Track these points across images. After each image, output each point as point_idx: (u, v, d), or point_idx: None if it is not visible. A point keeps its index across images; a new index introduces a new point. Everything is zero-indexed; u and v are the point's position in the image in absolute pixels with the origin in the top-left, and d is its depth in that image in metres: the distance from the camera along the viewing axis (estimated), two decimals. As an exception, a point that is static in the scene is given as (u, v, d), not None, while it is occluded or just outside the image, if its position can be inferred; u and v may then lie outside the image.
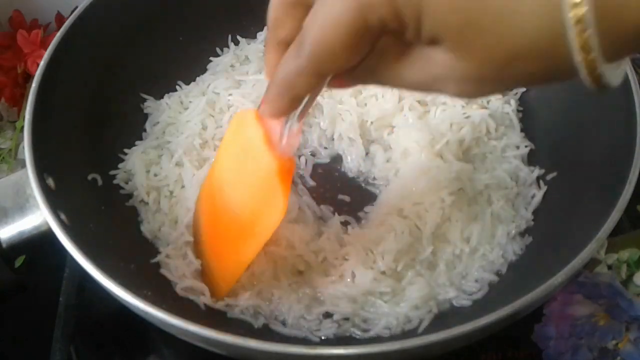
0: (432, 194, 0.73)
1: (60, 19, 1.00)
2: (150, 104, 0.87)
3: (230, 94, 0.84)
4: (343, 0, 0.41)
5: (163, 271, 0.72)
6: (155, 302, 0.56)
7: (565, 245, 0.65)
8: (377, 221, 0.75)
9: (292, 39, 0.49)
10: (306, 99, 0.51)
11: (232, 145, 0.66)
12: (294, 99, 0.50)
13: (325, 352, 0.52)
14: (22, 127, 0.68)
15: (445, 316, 0.68)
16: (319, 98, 0.84)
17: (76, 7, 0.79)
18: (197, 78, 0.90)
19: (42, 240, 0.65)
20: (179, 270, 0.71)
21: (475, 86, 0.42)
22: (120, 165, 0.80)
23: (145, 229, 0.76)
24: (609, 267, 0.76)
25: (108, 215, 0.74)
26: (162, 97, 0.87)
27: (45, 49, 0.74)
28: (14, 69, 0.96)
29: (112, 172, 0.79)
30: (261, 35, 0.95)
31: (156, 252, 0.74)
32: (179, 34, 0.91)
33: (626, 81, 0.70)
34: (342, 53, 0.43)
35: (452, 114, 0.82)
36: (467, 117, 0.83)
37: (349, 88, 0.53)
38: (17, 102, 0.95)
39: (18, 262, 0.79)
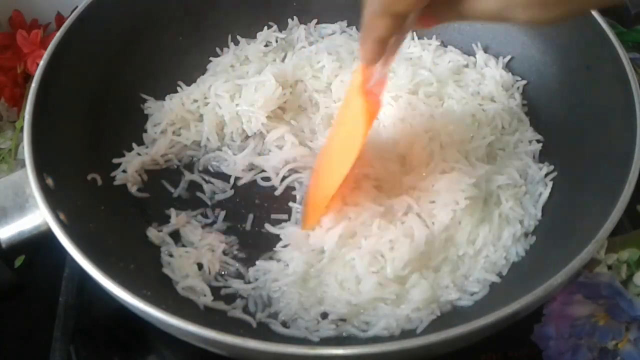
0: (448, 194, 0.73)
1: (60, 19, 1.00)
2: (150, 105, 0.87)
3: (237, 104, 0.84)
4: None
5: (165, 270, 0.72)
6: (154, 302, 0.56)
7: (565, 246, 0.65)
8: (391, 219, 0.74)
9: None
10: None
11: (347, 97, 0.70)
12: (376, 42, 0.55)
13: (325, 352, 0.52)
14: (22, 127, 0.68)
15: (445, 316, 0.68)
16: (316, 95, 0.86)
17: (76, 7, 0.79)
18: (198, 79, 0.90)
19: (41, 240, 0.65)
20: (182, 270, 0.72)
21: (544, 6, 0.46)
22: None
23: (152, 233, 0.76)
24: (609, 267, 0.76)
25: (108, 215, 0.73)
26: (162, 98, 0.87)
27: (45, 49, 0.75)
28: (13, 69, 0.96)
29: (113, 174, 0.79)
30: (261, 35, 0.95)
31: (157, 252, 0.74)
32: (179, 34, 0.91)
33: (626, 81, 0.70)
34: None
35: (471, 106, 0.83)
36: (484, 111, 0.83)
37: (434, 25, 0.56)
38: (17, 102, 0.95)
39: (18, 262, 0.80)
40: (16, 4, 1.00)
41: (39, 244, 0.65)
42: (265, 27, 0.96)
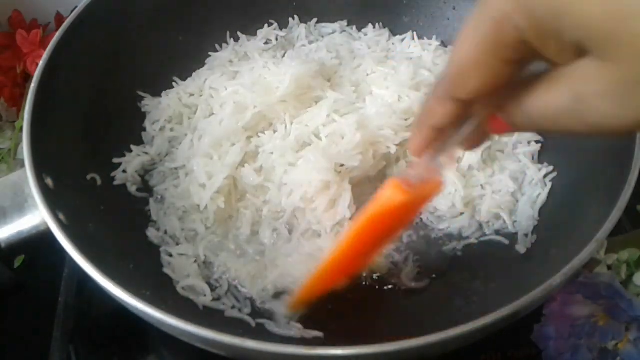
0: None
1: (59, 19, 1.00)
2: (148, 102, 0.87)
3: (226, 88, 0.84)
4: (476, 15, 0.39)
5: (166, 270, 0.72)
6: (153, 302, 0.56)
7: (565, 246, 0.64)
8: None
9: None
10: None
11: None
12: (433, 129, 0.49)
13: (324, 353, 0.52)
14: (22, 127, 0.68)
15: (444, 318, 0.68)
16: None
17: (76, 7, 0.79)
18: (194, 73, 0.90)
19: (41, 240, 0.64)
20: (183, 269, 0.72)
21: (625, 97, 0.35)
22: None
23: (152, 233, 0.76)
24: (609, 268, 0.76)
25: (107, 215, 0.73)
26: (159, 95, 0.87)
27: (45, 49, 0.74)
28: (13, 69, 0.96)
29: (112, 174, 0.79)
30: (261, 33, 0.95)
31: (156, 252, 0.74)
32: (179, 32, 0.92)
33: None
34: (475, 71, 0.41)
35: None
36: None
37: (507, 133, 0.50)
38: (17, 102, 0.95)
39: (17, 262, 0.80)
40: (16, 4, 1.00)
41: (38, 244, 0.65)
42: (266, 25, 0.96)
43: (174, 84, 0.89)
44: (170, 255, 0.73)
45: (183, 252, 0.73)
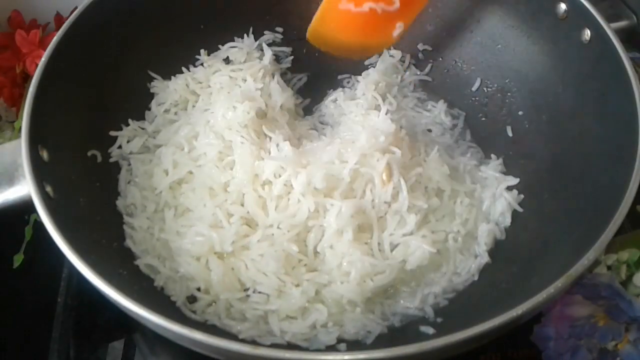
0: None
1: (59, 19, 1.00)
2: (157, 84, 0.87)
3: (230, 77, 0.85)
4: None
5: (128, 242, 0.72)
6: (128, 285, 0.56)
7: (565, 251, 0.64)
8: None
9: None
10: None
11: None
12: None
13: (320, 359, 0.52)
14: (21, 128, 0.68)
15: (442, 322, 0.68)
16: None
17: (75, 7, 0.79)
18: (205, 63, 0.90)
19: (27, 210, 0.64)
20: (143, 243, 0.72)
21: None
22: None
23: (120, 202, 0.76)
24: (609, 268, 0.75)
25: (102, 192, 0.74)
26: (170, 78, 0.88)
27: (44, 49, 0.74)
28: (12, 69, 0.96)
29: (109, 150, 0.80)
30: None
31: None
32: (201, 22, 0.92)
33: (626, 81, 0.69)
34: None
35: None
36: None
37: None
38: (16, 102, 0.95)
39: (17, 262, 0.80)
40: (15, 4, 0.99)
41: (37, 243, 0.65)
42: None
43: (184, 69, 0.89)
44: (132, 228, 0.73)
45: (142, 225, 0.73)
